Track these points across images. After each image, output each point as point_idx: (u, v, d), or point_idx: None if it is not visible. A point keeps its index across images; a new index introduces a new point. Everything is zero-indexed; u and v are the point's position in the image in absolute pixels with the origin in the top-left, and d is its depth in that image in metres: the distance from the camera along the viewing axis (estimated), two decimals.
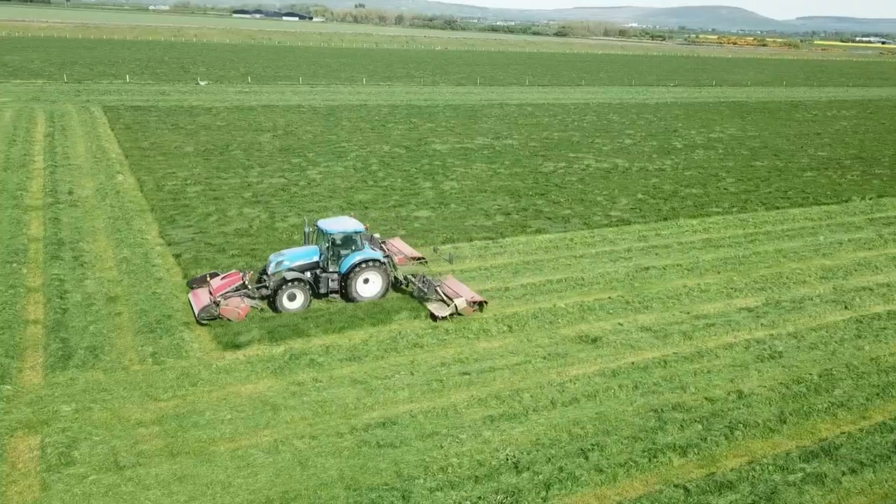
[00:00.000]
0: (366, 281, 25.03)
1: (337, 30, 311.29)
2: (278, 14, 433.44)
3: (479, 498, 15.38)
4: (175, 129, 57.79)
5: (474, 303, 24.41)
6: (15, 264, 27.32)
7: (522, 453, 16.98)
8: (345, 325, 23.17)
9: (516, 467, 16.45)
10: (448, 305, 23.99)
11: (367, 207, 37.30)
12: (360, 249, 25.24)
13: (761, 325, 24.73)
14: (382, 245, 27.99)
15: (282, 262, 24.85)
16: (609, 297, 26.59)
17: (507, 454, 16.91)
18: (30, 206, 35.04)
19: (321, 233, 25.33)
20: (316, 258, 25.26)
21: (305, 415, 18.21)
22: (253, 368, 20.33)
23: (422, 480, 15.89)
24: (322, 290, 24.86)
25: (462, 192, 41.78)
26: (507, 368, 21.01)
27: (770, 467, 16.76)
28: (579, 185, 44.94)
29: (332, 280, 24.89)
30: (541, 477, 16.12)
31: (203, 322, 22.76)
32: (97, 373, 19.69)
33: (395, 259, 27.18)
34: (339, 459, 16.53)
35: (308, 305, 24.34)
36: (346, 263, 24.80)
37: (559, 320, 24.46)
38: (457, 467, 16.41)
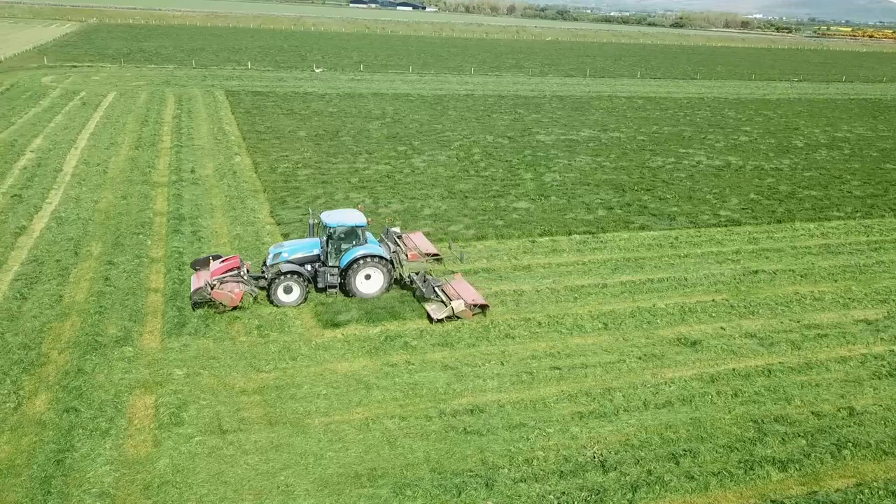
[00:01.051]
0: (367, 277, 24.14)
1: (448, 19, 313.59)
2: (392, 4, 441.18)
3: (563, 493, 15.29)
4: (290, 114, 60.28)
5: (475, 306, 23.00)
6: (141, 235, 29.55)
7: (610, 452, 16.72)
8: None
9: (603, 466, 16.22)
10: (446, 306, 22.74)
11: (466, 197, 37.56)
12: (361, 244, 24.33)
13: (881, 339, 23.03)
14: (398, 239, 27.03)
15: (280, 253, 24.33)
16: (713, 300, 25.55)
17: (595, 452, 16.70)
18: (157, 182, 37.70)
19: (322, 226, 24.54)
20: (317, 251, 24.54)
21: (396, 396, 18.69)
22: (349, 347, 21.06)
23: (506, 470, 15.98)
24: (320, 285, 24.12)
25: (564, 184, 41.24)
26: (600, 366, 20.68)
27: (881, 492, 15.67)
28: (688, 181, 43.29)
29: (332, 274, 24.06)
30: (628, 478, 15.82)
31: (196, 306, 22.63)
32: (207, 341, 21.01)
33: (408, 255, 26.06)
34: (426, 442, 16.87)
35: (305, 300, 23.64)
36: (346, 258, 24.01)
37: (658, 320, 23.77)
38: (542, 460, 16.38)
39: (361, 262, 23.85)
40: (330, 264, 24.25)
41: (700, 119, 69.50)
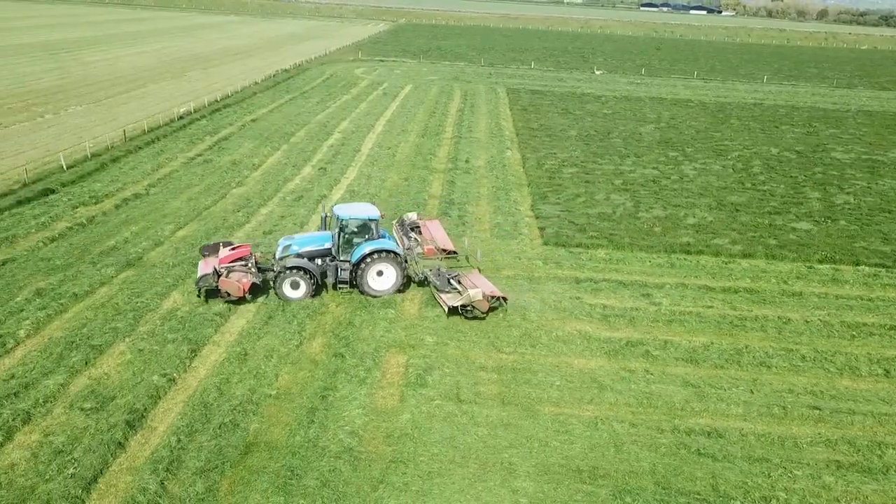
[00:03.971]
0: (379, 273, 23.13)
1: (745, 24, 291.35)
2: (686, 7, 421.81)
3: None
4: (564, 113, 61.21)
5: (493, 297, 22.23)
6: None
7: None
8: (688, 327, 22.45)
9: None
10: (461, 295, 22.12)
11: (738, 210, 34.95)
12: (374, 238, 23.30)
13: None
14: (414, 229, 25.36)
15: (290, 246, 23.55)
16: None
17: None
18: (435, 168, 41.02)
19: (335, 218, 23.57)
20: (328, 245, 23.64)
21: (629, 401, 18.33)
22: (588, 345, 21.07)
23: (738, 503, 14.86)
24: (331, 280, 23.39)
25: (858, 208, 36.32)
26: (872, 416, 18.12)
27: None
28: None
29: (343, 269, 23.21)
30: None
31: (200, 293, 22.40)
32: (457, 316, 22.49)
33: (425, 249, 24.66)
34: (654, 454, 16.34)
35: (312, 295, 22.85)
36: (357, 252, 23.05)
37: None
38: (782, 502, 14.93)
39: (375, 256, 23.01)
40: (341, 258, 23.59)
41: None
